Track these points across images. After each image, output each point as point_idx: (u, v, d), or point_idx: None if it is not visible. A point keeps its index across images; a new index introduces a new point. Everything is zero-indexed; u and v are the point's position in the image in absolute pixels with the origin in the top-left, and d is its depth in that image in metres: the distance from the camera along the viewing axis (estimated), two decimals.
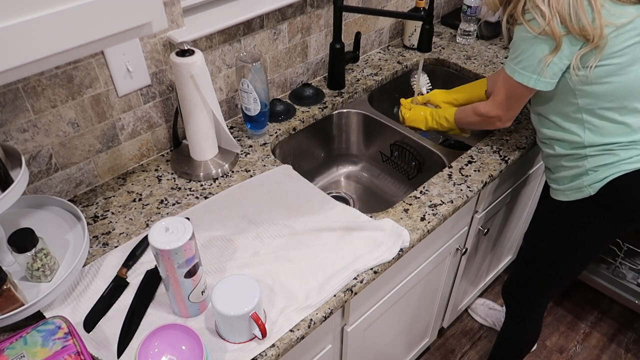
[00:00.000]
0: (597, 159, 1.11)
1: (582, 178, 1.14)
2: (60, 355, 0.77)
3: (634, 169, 1.09)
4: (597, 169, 1.12)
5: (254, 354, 0.87)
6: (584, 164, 1.13)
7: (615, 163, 1.10)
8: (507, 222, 1.73)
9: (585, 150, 1.12)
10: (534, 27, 1.02)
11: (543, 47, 1.03)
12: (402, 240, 1.06)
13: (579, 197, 1.16)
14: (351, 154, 1.62)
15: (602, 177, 1.11)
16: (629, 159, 1.09)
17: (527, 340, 1.56)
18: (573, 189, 1.17)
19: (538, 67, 1.05)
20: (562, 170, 1.19)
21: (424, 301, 1.52)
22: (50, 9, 0.64)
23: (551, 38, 1.01)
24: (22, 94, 1.00)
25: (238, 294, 0.85)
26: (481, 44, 1.79)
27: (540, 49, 1.03)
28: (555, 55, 1.03)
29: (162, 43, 1.16)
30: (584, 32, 0.98)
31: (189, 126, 1.18)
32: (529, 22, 1.03)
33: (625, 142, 1.09)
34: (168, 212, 1.14)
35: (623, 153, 1.09)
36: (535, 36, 1.02)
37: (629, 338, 1.98)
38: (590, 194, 1.13)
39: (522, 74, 1.08)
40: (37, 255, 0.90)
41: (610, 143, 1.10)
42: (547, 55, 1.03)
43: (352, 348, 1.24)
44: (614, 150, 1.10)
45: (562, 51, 1.02)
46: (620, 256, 1.85)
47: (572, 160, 1.16)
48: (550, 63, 1.04)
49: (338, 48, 1.46)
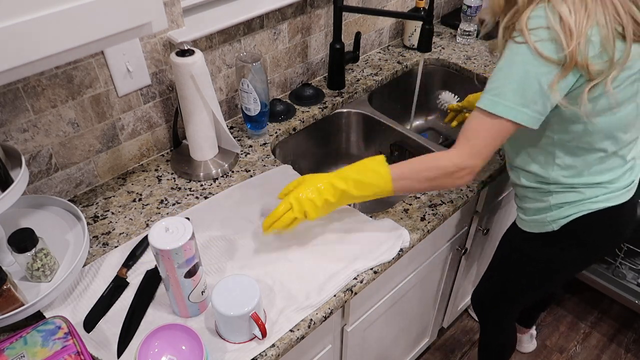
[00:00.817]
0: (561, 196, 1.06)
1: (546, 213, 1.09)
2: (60, 355, 0.77)
3: (598, 208, 1.04)
4: (562, 205, 1.06)
5: (254, 354, 0.87)
6: (549, 200, 1.08)
7: (580, 201, 1.05)
8: (507, 222, 1.72)
9: (550, 187, 1.06)
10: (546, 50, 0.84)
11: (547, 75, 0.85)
12: (402, 240, 1.06)
13: (542, 230, 1.12)
14: (351, 154, 1.62)
15: (566, 215, 1.06)
16: (594, 197, 1.04)
17: (503, 346, 1.56)
18: (536, 222, 1.12)
19: (537, 100, 0.87)
20: (528, 201, 1.13)
21: (424, 301, 1.52)
22: (50, 9, 0.64)
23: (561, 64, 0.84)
24: (22, 94, 1.00)
25: (238, 294, 0.85)
26: (481, 44, 1.79)
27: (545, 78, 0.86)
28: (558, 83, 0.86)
29: (162, 43, 1.16)
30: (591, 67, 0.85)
31: (189, 126, 1.18)
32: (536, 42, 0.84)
33: (592, 183, 1.03)
34: (168, 212, 1.14)
35: (588, 192, 1.04)
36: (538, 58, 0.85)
37: (629, 338, 1.98)
38: (553, 229, 1.09)
39: (518, 110, 0.88)
40: (37, 255, 0.90)
41: (576, 182, 1.04)
42: (552, 82, 0.86)
43: (352, 348, 1.24)
44: (578, 188, 1.04)
45: (563, 81, 0.86)
46: (620, 256, 1.85)
47: (537, 194, 1.10)
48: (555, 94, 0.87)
49: (338, 48, 1.46)
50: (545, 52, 0.84)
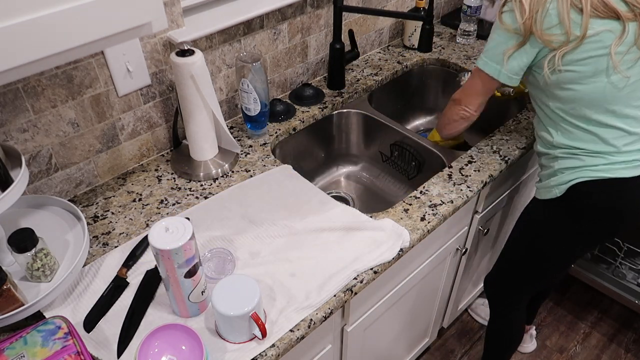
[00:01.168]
0: (565, 162, 1.14)
1: (551, 178, 1.18)
2: (60, 355, 0.77)
3: (597, 177, 1.10)
4: (563, 171, 1.14)
5: (254, 354, 0.87)
6: (554, 165, 1.16)
7: (580, 168, 1.12)
8: (507, 222, 1.73)
9: (556, 151, 1.15)
10: (507, 20, 1.05)
11: (510, 39, 1.06)
12: (402, 240, 1.06)
13: (549, 196, 1.19)
14: (351, 154, 1.62)
15: (567, 180, 1.13)
16: (593, 166, 1.10)
17: (511, 334, 1.58)
18: (545, 188, 1.20)
19: (501, 57, 1.08)
20: (542, 168, 1.23)
21: (424, 301, 1.52)
22: (51, 9, 0.64)
23: (519, 34, 1.04)
24: (22, 94, 1.00)
25: (238, 294, 0.85)
26: (481, 44, 1.79)
27: (506, 41, 1.07)
28: (517, 51, 1.06)
29: (162, 43, 1.16)
30: (545, 37, 1.01)
31: (189, 126, 1.18)
32: (502, 13, 1.06)
33: (592, 151, 1.10)
34: (168, 212, 1.14)
35: (589, 160, 1.11)
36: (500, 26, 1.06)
37: (629, 338, 1.98)
38: (556, 194, 1.16)
39: (486, 62, 1.12)
40: (37, 255, 0.90)
41: (577, 147, 1.11)
42: (510, 48, 1.06)
43: (352, 348, 1.24)
44: (580, 155, 1.11)
45: (524, 49, 1.05)
46: (620, 256, 1.85)
47: (547, 160, 1.19)
48: (511, 57, 1.07)
49: (338, 48, 1.46)
50: (506, 21, 1.05)
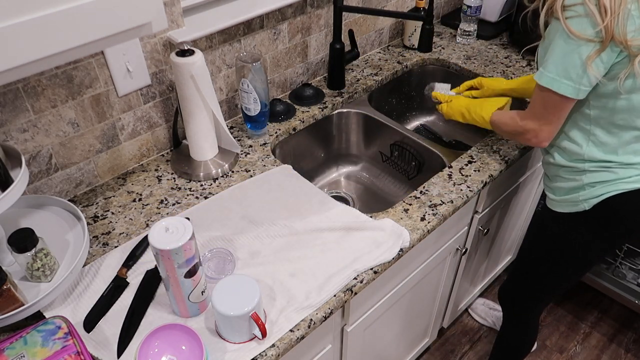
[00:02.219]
0: (595, 175, 1.09)
1: (578, 192, 1.12)
2: (60, 355, 0.77)
3: (631, 188, 1.07)
4: (594, 184, 1.10)
5: (254, 354, 0.87)
6: (582, 179, 1.11)
7: (613, 181, 1.08)
8: (507, 222, 1.73)
9: (585, 165, 1.10)
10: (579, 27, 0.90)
11: (584, 48, 0.92)
12: (402, 240, 1.06)
13: (574, 210, 1.14)
14: (351, 154, 1.62)
15: (598, 194, 1.09)
16: (627, 178, 1.07)
17: (524, 342, 1.56)
18: (568, 202, 1.15)
19: (576, 72, 0.95)
20: (560, 180, 1.17)
21: (424, 301, 1.52)
22: (50, 9, 0.64)
23: (597, 40, 0.91)
24: (22, 94, 1.00)
25: (238, 294, 0.85)
26: (481, 44, 1.79)
27: (580, 50, 0.93)
28: (596, 59, 0.92)
29: (162, 43, 1.16)
30: (629, 42, 0.90)
31: (189, 126, 1.18)
32: (569, 19, 0.91)
33: (626, 163, 1.07)
34: (168, 212, 1.14)
35: (622, 172, 1.07)
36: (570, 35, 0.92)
37: (629, 338, 1.98)
38: (585, 208, 1.12)
39: (554, 79, 0.98)
40: (37, 255, 0.90)
41: (610, 160, 1.07)
42: (590, 56, 0.92)
43: (352, 348, 1.24)
44: (612, 168, 1.07)
45: (600, 57, 0.93)
46: (620, 256, 1.85)
47: (570, 173, 1.13)
48: (591, 66, 0.93)
49: (338, 48, 1.46)
50: (576, 29, 0.92)
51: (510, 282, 1.48)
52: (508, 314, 1.53)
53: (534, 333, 1.54)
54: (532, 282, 1.37)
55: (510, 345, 1.59)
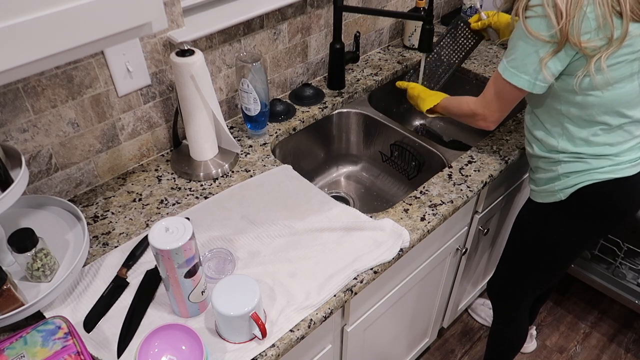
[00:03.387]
0: (569, 165, 1.12)
1: (554, 182, 1.16)
2: (60, 355, 0.77)
3: (603, 178, 1.10)
4: (569, 175, 1.13)
5: (254, 354, 0.87)
6: (557, 169, 1.14)
7: (586, 171, 1.11)
8: (507, 222, 1.73)
9: (559, 155, 1.13)
10: (537, 27, 0.96)
11: (542, 47, 0.98)
12: (402, 240, 1.06)
13: (551, 200, 1.18)
14: (351, 154, 1.62)
15: (572, 184, 1.13)
16: (600, 168, 1.10)
17: (514, 339, 1.57)
18: (546, 192, 1.19)
19: (533, 68, 1.01)
20: (540, 172, 1.20)
21: (424, 301, 1.52)
22: (51, 9, 0.64)
23: (553, 41, 0.96)
24: (22, 94, 1.00)
25: (238, 294, 0.85)
26: (481, 44, 1.79)
27: (537, 49, 0.98)
28: (551, 59, 0.98)
29: (162, 43, 1.16)
30: (582, 43, 0.94)
31: (189, 126, 1.18)
32: (528, 19, 0.97)
33: (599, 154, 1.09)
34: (168, 212, 1.14)
35: (595, 162, 1.10)
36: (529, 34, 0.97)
37: (629, 338, 1.98)
38: (561, 198, 1.15)
39: (514, 73, 1.04)
40: (37, 255, 0.90)
41: (583, 152, 1.10)
42: (545, 57, 0.98)
43: (352, 348, 1.24)
44: (585, 158, 1.10)
45: (557, 56, 0.98)
46: (620, 256, 1.84)
47: (547, 164, 1.17)
48: (546, 66, 0.99)
49: (338, 48, 1.46)
50: (533, 29, 0.97)
51: (495, 277, 1.49)
52: (495, 309, 1.55)
53: (523, 330, 1.56)
54: (515, 276, 1.39)
55: (499, 341, 1.61)
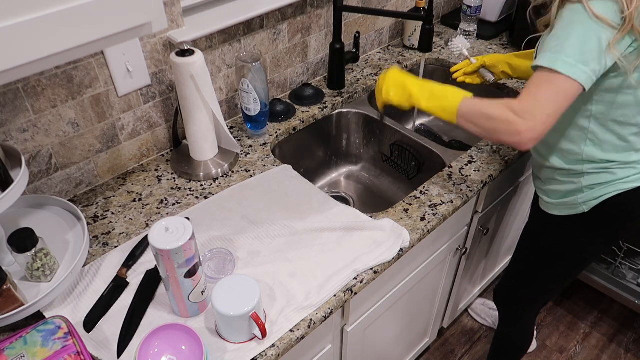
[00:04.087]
0: (594, 177, 1.07)
1: (576, 195, 1.10)
2: (60, 355, 0.77)
3: (629, 188, 1.06)
4: (593, 187, 1.08)
5: (254, 354, 0.87)
6: (580, 181, 1.09)
7: (612, 182, 1.06)
8: (506, 222, 1.73)
9: (584, 167, 1.07)
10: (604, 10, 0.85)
11: (605, 33, 0.86)
12: (402, 240, 1.06)
13: (571, 213, 1.13)
14: (351, 154, 1.62)
15: (597, 196, 1.08)
16: (625, 178, 1.06)
17: (520, 343, 1.56)
18: (565, 205, 1.13)
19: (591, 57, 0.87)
20: (555, 183, 1.14)
21: (424, 301, 1.52)
22: (51, 9, 0.64)
23: (617, 27, 0.85)
24: (22, 94, 1.00)
25: (238, 294, 0.85)
26: (481, 44, 1.79)
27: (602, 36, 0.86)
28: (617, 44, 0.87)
29: (162, 43, 1.16)
30: None
31: (189, 126, 1.18)
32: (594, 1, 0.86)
33: (624, 162, 1.05)
34: (168, 212, 1.14)
35: (620, 172, 1.06)
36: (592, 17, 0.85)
37: (629, 338, 1.98)
38: (584, 211, 1.10)
39: (570, 64, 0.87)
40: (37, 255, 0.90)
41: (608, 160, 1.05)
42: (612, 42, 0.86)
43: (352, 348, 1.24)
44: (611, 168, 1.06)
45: (620, 43, 0.87)
46: (620, 256, 1.85)
47: (567, 176, 1.11)
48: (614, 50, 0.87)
49: (338, 48, 1.46)
50: (600, 11, 0.85)
51: (505, 283, 1.47)
52: (504, 314, 1.53)
53: (530, 333, 1.54)
54: (527, 284, 1.36)
55: (507, 346, 1.59)
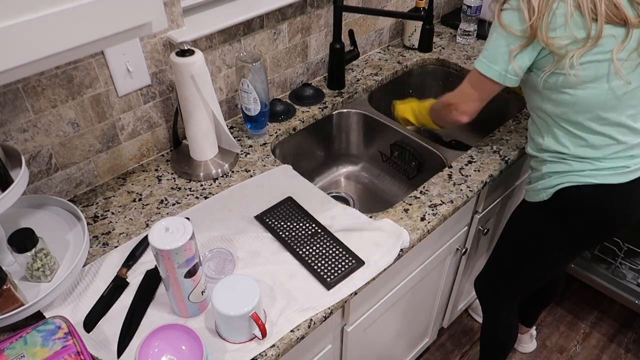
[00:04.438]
0: (552, 166, 1.13)
1: (539, 182, 1.18)
2: (60, 355, 0.77)
3: (583, 182, 1.10)
4: (551, 174, 1.14)
5: (254, 354, 0.87)
6: (542, 168, 1.16)
7: (567, 172, 1.11)
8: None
9: (544, 155, 1.15)
10: (510, 20, 0.98)
11: (514, 40, 1.00)
12: (402, 241, 1.06)
13: (536, 199, 1.19)
14: (351, 154, 1.62)
15: (554, 184, 1.13)
16: (580, 171, 1.10)
17: (505, 335, 1.58)
18: (533, 191, 1.20)
19: (503, 60, 1.03)
20: (531, 170, 1.23)
21: (423, 301, 1.52)
22: (51, 9, 0.64)
23: (524, 36, 0.98)
24: (22, 94, 1.00)
25: (238, 294, 0.85)
26: (481, 44, 1.79)
27: (509, 42, 1.01)
28: (520, 53, 1.01)
29: (162, 43, 1.16)
30: (549, 40, 0.96)
31: (189, 126, 1.18)
32: (503, 11, 1.00)
33: (579, 156, 1.10)
34: (168, 212, 1.14)
35: (576, 165, 1.10)
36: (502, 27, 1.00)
37: (629, 338, 1.98)
38: (544, 198, 1.16)
39: (485, 64, 1.06)
40: (37, 255, 0.90)
41: (564, 153, 1.11)
42: (514, 49, 1.01)
43: (352, 348, 1.24)
44: (567, 160, 1.11)
45: (526, 50, 1.00)
46: (620, 256, 1.85)
47: (535, 163, 1.20)
48: (515, 59, 1.01)
49: (338, 48, 1.46)
50: (505, 21, 1.00)
51: (484, 273, 1.50)
52: (484, 307, 1.57)
53: (511, 327, 1.56)
54: (501, 274, 1.40)
55: (490, 340, 1.61)
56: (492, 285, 1.46)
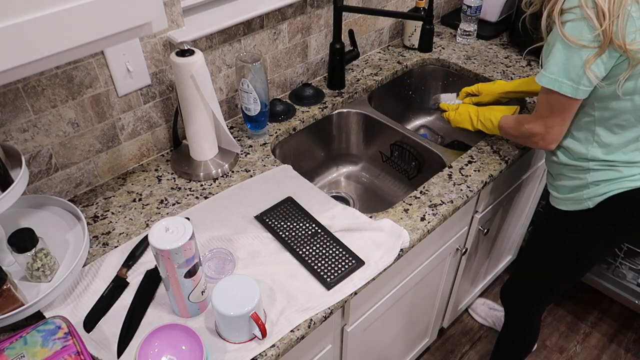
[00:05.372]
0: (599, 174, 1.10)
1: (582, 191, 1.13)
2: (60, 355, 0.77)
3: (634, 186, 1.08)
4: (598, 183, 1.10)
5: (254, 354, 0.87)
6: (586, 177, 1.11)
7: (617, 179, 1.08)
8: (507, 222, 1.73)
9: (589, 164, 1.10)
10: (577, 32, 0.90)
11: (585, 51, 0.92)
12: (402, 241, 1.06)
13: (577, 208, 1.15)
14: (351, 154, 1.62)
15: (602, 192, 1.09)
16: (631, 176, 1.08)
17: (526, 342, 1.56)
18: (572, 200, 1.16)
19: (576, 72, 0.95)
20: (563, 179, 1.17)
21: (424, 301, 1.52)
22: (51, 9, 0.64)
23: (595, 45, 0.91)
24: (22, 94, 1.00)
25: (238, 294, 0.85)
26: (481, 44, 1.79)
27: (582, 53, 0.93)
28: (595, 62, 0.93)
29: (162, 43, 1.16)
30: (628, 46, 0.89)
31: (189, 126, 1.18)
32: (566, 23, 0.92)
33: (630, 161, 1.07)
34: (168, 212, 1.14)
35: (626, 170, 1.08)
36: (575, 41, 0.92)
37: (629, 338, 1.98)
38: (589, 207, 1.12)
39: (555, 80, 0.98)
40: (37, 255, 0.90)
41: (614, 160, 1.08)
42: (589, 59, 0.92)
43: (352, 348, 1.24)
44: (616, 166, 1.08)
45: (600, 59, 0.92)
46: (620, 256, 1.85)
47: (574, 172, 1.14)
48: (590, 69, 0.93)
49: (338, 48, 1.46)
50: (571, 34, 0.92)
51: (512, 282, 1.48)
52: (510, 314, 1.53)
53: (535, 333, 1.55)
54: (534, 282, 1.37)
55: (511, 345, 1.59)
56: (523, 294, 1.43)
